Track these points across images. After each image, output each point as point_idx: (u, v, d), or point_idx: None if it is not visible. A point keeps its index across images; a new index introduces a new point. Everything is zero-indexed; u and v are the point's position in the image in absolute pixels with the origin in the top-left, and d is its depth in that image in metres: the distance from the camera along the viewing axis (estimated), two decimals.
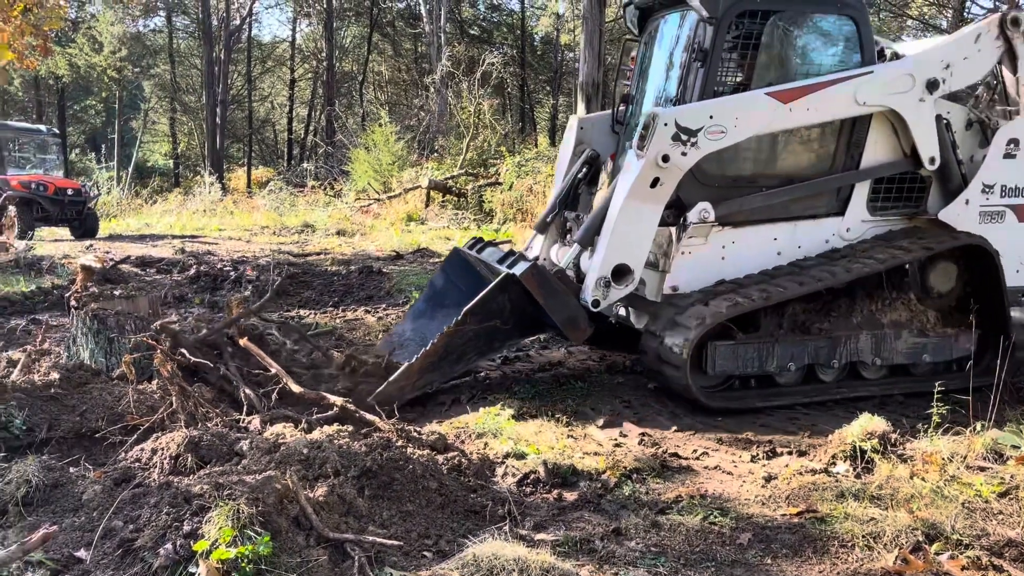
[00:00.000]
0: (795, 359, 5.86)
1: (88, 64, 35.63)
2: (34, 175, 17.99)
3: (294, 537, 3.29)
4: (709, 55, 5.76)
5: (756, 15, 5.85)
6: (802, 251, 6.15)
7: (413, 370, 5.59)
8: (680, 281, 5.92)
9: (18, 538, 3.35)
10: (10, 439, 4.51)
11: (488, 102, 24.38)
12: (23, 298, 9.01)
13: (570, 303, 5.75)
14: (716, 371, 5.70)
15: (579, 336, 5.95)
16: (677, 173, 5.62)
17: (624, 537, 3.71)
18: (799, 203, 6.13)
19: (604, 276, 5.70)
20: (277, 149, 46.03)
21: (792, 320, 5.94)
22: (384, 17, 39.86)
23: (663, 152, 5.52)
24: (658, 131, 5.50)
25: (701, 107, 5.66)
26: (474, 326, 5.68)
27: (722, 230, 5.95)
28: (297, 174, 30.06)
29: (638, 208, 5.65)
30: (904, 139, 6.17)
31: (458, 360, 5.84)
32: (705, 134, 5.57)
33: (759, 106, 5.73)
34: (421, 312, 6.97)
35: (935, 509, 3.87)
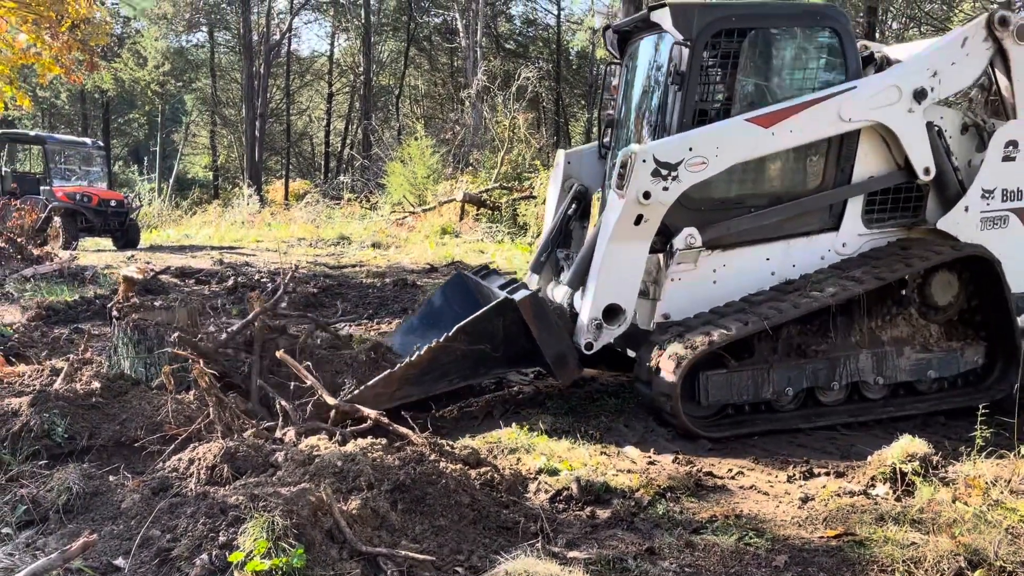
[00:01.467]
0: (792, 383, 5.65)
1: (132, 78, 36.50)
2: (79, 187, 18.41)
3: (327, 550, 3.31)
4: (686, 78, 5.62)
5: (732, 34, 5.69)
6: (797, 269, 5.95)
7: (393, 378, 5.49)
8: (671, 308, 5.76)
9: (59, 545, 3.41)
10: (52, 447, 4.60)
11: (523, 116, 24.47)
12: (67, 307, 9.19)
13: (563, 340, 5.65)
14: (710, 401, 5.52)
15: (567, 376, 5.80)
16: (660, 209, 5.49)
17: (658, 557, 3.67)
18: (791, 221, 5.96)
19: (596, 318, 5.61)
20: (314, 162, 46.61)
21: (787, 343, 5.74)
22: (421, 32, 40.28)
23: (644, 189, 5.39)
24: (637, 169, 5.37)
25: (679, 140, 5.52)
26: (463, 346, 5.57)
27: (711, 254, 5.78)
28: (334, 187, 30.41)
29: (624, 247, 5.55)
30: (896, 151, 5.98)
31: (440, 378, 5.69)
32: (686, 167, 5.44)
33: (740, 133, 5.57)
34: (413, 328, 6.91)
35: (978, 534, 3.77)
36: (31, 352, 6.77)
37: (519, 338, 5.71)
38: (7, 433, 4.59)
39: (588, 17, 39.63)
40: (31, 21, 12.22)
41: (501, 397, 6.18)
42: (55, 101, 39.60)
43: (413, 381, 5.60)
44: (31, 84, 24.55)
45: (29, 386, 5.51)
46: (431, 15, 40.38)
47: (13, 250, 12.70)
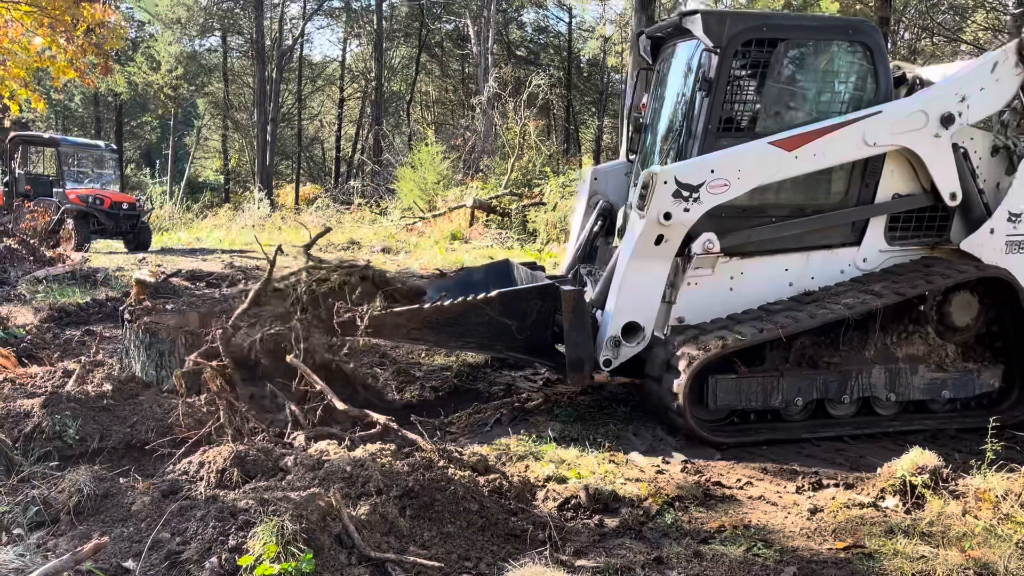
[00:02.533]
0: (802, 393, 5.62)
1: (146, 82, 36.70)
2: (91, 189, 18.52)
3: (336, 555, 3.32)
4: (714, 85, 5.62)
5: (763, 43, 5.66)
6: (815, 282, 5.94)
7: (417, 316, 5.51)
8: (687, 312, 5.76)
9: (70, 547, 3.43)
10: (64, 448, 4.63)
11: (534, 123, 24.52)
12: (79, 309, 9.25)
13: (587, 347, 5.66)
14: (717, 405, 5.52)
15: (578, 380, 5.79)
16: (681, 229, 5.50)
17: (666, 566, 3.67)
18: (812, 234, 5.95)
19: (615, 335, 5.63)
20: (325, 166, 46.78)
21: (800, 354, 5.73)
22: (432, 38, 40.43)
23: (665, 210, 5.40)
24: (658, 190, 5.38)
25: (701, 162, 5.52)
26: (494, 312, 5.60)
27: (729, 260, 5.77)
28: (344, 191, 30.53)
29: (644, 266, 5.56)
30: (922, 175, 5.94)
31: (459, 336, 5.73)
32: (707, 188, 5.43)
33: (763, 156, 5.56)
34: (447, 287, 6.90)
35: (988, 548, 3.76)
36: (43, 354, 6.82)
37: (546, 328, 5.76)
38: (19, 434, 4.62)
39: (599, 25, 39.73)
40: (47, 25, 12.33)
41: (510, 404, 6.19)
42: (69, 104, 39.89)
43: (435, 327, 5.63)
44: (45, 87, 24.73)
45: (41, 387, 5.55)
46: (443, 21, 40.52)
47: (26, 252, 12.79)
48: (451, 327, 5.66)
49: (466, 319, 5.63)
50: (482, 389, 6.75)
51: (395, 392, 6.60)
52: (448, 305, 5.58)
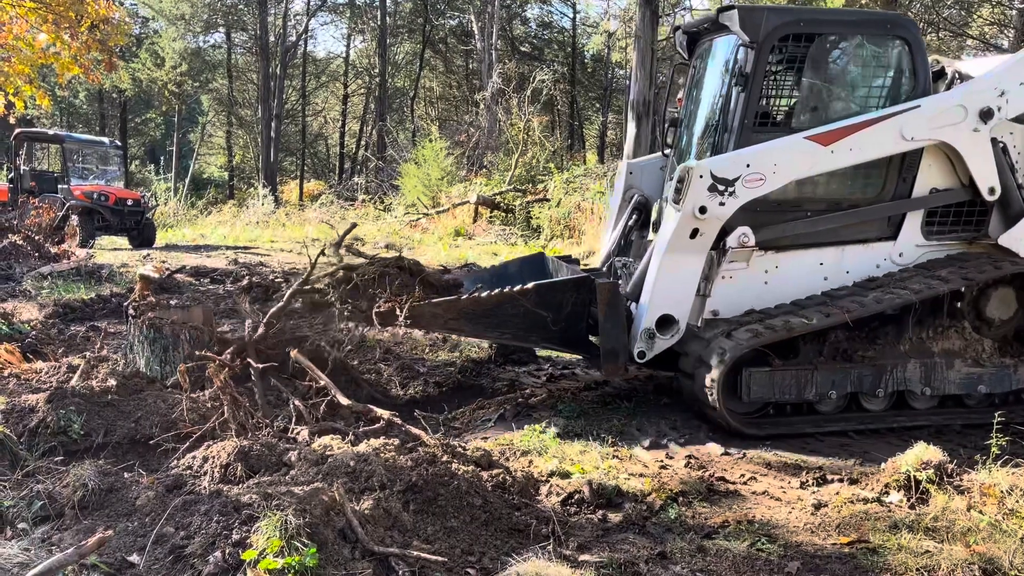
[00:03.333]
0: (836, 387, 5.64)
1: (150, 78, 36.74)
2: (96, 186, 18.54)
3: (340, 549, 3.33)
4: (750, 80, 5.64)
5: (800, 39, 5.68)
6: (850, 276, 5.97)
7: (455, 306, 5.59)
8: (721, 305, 5.81)
9: (74, 541, 3.44)
10: (68, 443, 4.64)
11: (538, 119, 24.50)
12: (83, 305, 9.27)
13: (621, 338, 5.69)
14: (751, 398, 5.55)
15: (613, 371, 5.83)
16: (716, 223, 5.53)
17: (669, 561, 3.67)
18: (847, 228, 5.97)
19: (649, 328, 5.67)
20: (329, 163, 46.80)
21: (834, 347, 5.75)
22: (436, 34, 40.37)
23: (700, 204, 5.43)
24: (693, 184, 5.41)
25: (737, 156, 5.54)
26: (529, 304, 5.66)
27: (764, 254, 5.82)
28: (348, 188, 30.55)
29: (679, 259, 5.59)
30: (960, 170, 5.95)
31: (495, 327, 5.80)
32: (743, 183, 5.47)
33: (799, 151, 5.57)
34: (482, 279, 7.00)
35: (993, 543, 3.75)
36: (48, 349, 6.84)
37: (580, 320, 5.82)
38: (24, 429, 4.64)
39: (603, 20, 39.64)
40: (51, 21, 12.34)
41: (513, 399, 6.18)
42: (73, 100, 39.95)
43: (471, 318, 5.70)
44: (50, 83, 24.76)
45: (46, 383, 5.57)
46: (447, 17, 40.48)
47: (31, 248, 12.82)
48: (487, 318, 5.72)
49: (502, 310, 5.68)
50: (485, 385, 6.75)
51: (399, 387, 6.61)
52: (485, 296, 5.65)
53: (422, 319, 5.51)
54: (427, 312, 5.55)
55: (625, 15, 34.13)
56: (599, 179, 20.35)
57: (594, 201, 18.86)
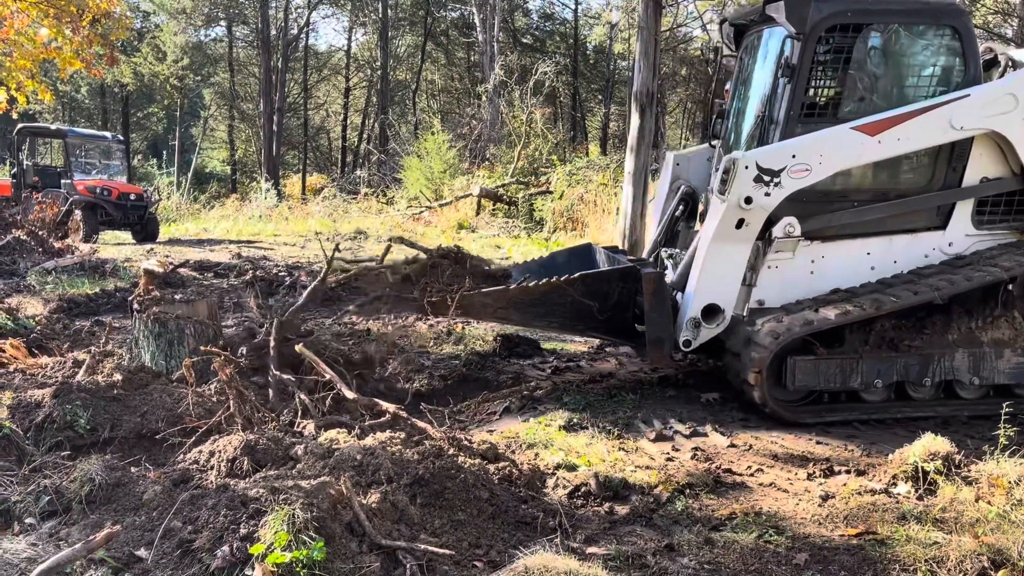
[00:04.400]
0: (882, 376, 5.66)
1: (152, 73, 36.71)
2: (99, 180, 18.54)
3: (347, 543, 3.32)
4: (796, 71, 5.65)
5: (847, 29, 5.67)
6: (898, 266, 5.98)
7: (504, 296, 5.73)
8: (767, 295, 5.87)
9: (82, 536, 3.44)
10: (75, 438, 4.64)
11: (540, 111, 24.46)
12: (88, 300, 9.27)
13: (667, 327, 5.78)
14: (796, 386, 5.60)
15: (658, 359, 5.96)
16: (762, 213, 5.56)
17: (677, 553, 3.66)
18: (895, 218, 5.97)
19: (695, 317, 5.73)
20: (331, 156, 46.75)
21: (879, 336, 5.77)
22: (438, 26, 40.28)
23: (745, 195, 5.47)
24: (739, 175, 5.45)
25: (782, 147, 5.56)
26: (576, 294, 5.76)
27: (810, 244, 5.85)
28: (351, 181, 30.50)
29: (724, 249, 5.64)
30: (1012, 158, 5.89)
31: (543, 315, 5.94)
32: (788, 173, 5.49)
33: (845, 141, 5.57)
34: (530, 270, 7.07)
35: (1001, 534, 3.74)
36: (53, 344, 6.84)
37: (627, 309, 5.91)
38: (31, 424, 4.64)
39: (605, 11, 39.53)
40: (52, 15, 12.33)
41: (519, 392, 6.18)
42: (75, 95, 39.93)
43: (520, 307, 5.84)
44: (52, 78, 24.76)
45: (52, 378, 5.57)
46: (448, 10, 40.38)
47: (35, 243, 12.82)
48: (535, 307, 5.84)
49: (550, 299, 5.79)
50: (491, 378, 6.74)
51: (404, 381, 6.60)
52: (533, 286, 5.74)
53: (472, 308, 5.68)
54: (477, 301, 5.70)
55: (628, 6, 34.00)
56: (602, 171, 20.31)
57: (597, 193, 18.83)
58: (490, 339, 7.92)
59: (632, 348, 6.79)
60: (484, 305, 5.76)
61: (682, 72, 38.07)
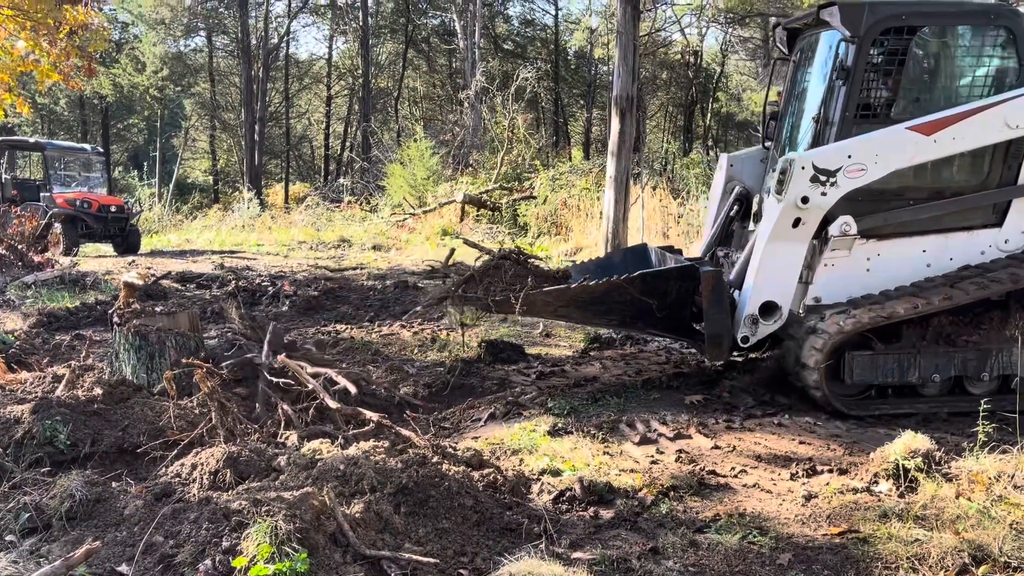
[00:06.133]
0: (940, 371, 5.77)
1: (131, 84, 36.50)
2: (79, 193, 18.42)
3: (331, 554, 3.31)
4: (851, 74, 5.76)
5: (901, 31, 5.78)
6: (954, 263, 6.08)
7: (565, 294, 5.85)
8: (823, 292, 5.98)
9: (62, 552, 3.41)
10: (55, 454, 4.60)
11: (522, 116, 24.49)
12: (68, 313, 9.20)
13: (726, 323, 5.88)
14: (854, 380, 5.71)
15: (717, 356, 6.06)
16: (818, 212, 5.67)
17: (662, 556, 3.67)
18: (951, 216, 6.08)
19: (752, 314, 5.83)
20: (314, 165, 46.61)
21: (936, 332, 5.86)
22: (419, 34, 40.28)
23: (802, 194, 5.57)
24: (796, 175, 5.54)
25: (839, 147, 5.67)
26: (635, 292, 5.85)
27: (866, 242, 5.95)
28: (334, 189, 30.41)
29: (781, 248, 5.74)
30: None
31: (603, 313, 6.09)
32: (844, 173, 5.58)
33: (900, 141, 5.66)
34: (587, 270, 7.14)
35: (982, 530, 3.77)
36: (33, 359, 6.78)
37: (685, 308, 6.04)
38: (10, 440, 4.59)
39: (585, 17, 39.66)
40: (29, 28, 12.23)
41: (503, 398, 6.18)
42: (54, 107, 39.59)
43: (580, 304, 5.98)
44: (30, 91, 24.57)
45: (31, 393, 5.52)
46: (429, 17, 40.39)
47: (14, 257, 12.71)
48: (595, 305, 5.96)
49: (609, 298, 5.89)
50: (476, 384, 6.74)
51: (388, 389, 6.58)
52: (593, 284, 5.82)
53: (534, 306, 5.81)
54: (539, 300, 5.81)
55: (607, 11, 34.17)
56: (585, 175, 20.37)
57: (580, 198, 18.88)
58: (475, 345, 7.92)
59: (690, 345, 6.94)
60: (546, 303, 5.90)
61: (662, 76, 38.26)
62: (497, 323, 9.48)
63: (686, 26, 36.08)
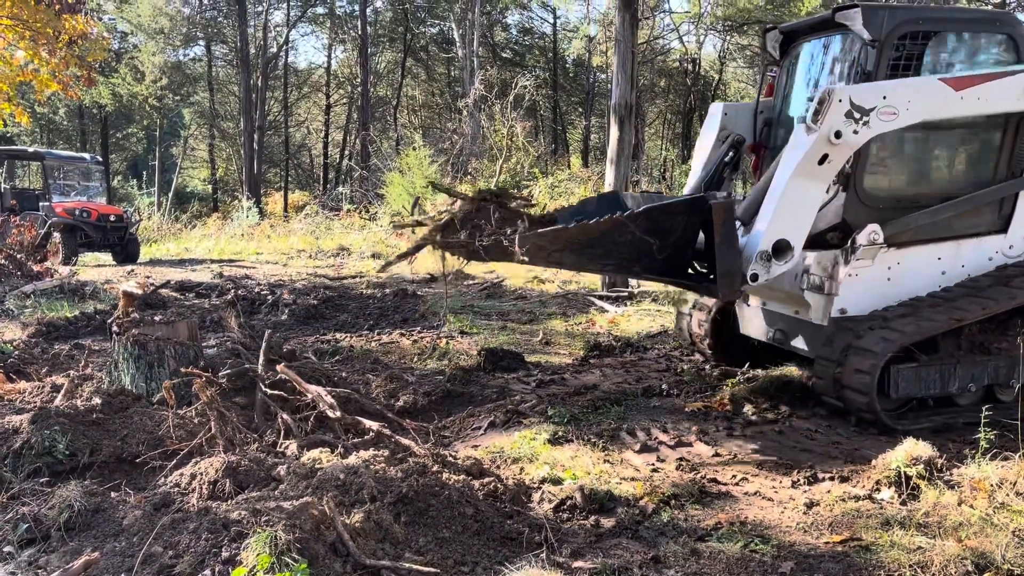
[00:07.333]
0: (975, 380, 5.80)
1: (130, 93, 36.56)
2: (78, 202, 18.42)
3: (331, 564, 3.29)
4: (873, 77, 5.82)
5: (917, 36, 5.91)
6: (965, 270, 6.19)
7: (561, 236, 5.37)
8: (849, 304, 5.95)
9: (61, 563, 3.40)
10: (54, 464, 4.58)
11: (521, 124, 24.53)
12: (67, 323, 9.18)
13: (737, 259, 5.56)
14: (899, 394, 5.66)
15: (730, 294, 5.70)
16: (846, 152, 5.61)
17: (663, 565, 3.65)
18: (962, 221, 6.18)
19: (766, 250, 5.60)
20: (313, 173, 46.68)
21: (969, 341, 5.88)
22: (417, 42, 40.41)
23: (836, 128, 5.49)
24: (833, 106, 5.47)
25: (876, 87, 5.69)
26: (639, 231, 5.41)
27: (888, 251, 5.98)
28: (333, 198, 30.47)
29: (804, 185, 5.62)
30: None
31: (600, 257, 5.70)
32: (878, 114, 5.56)
33: (931, 91, 5.73)
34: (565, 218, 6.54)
35: (984, 538, 3.76)
36: (31, 369, 6.76)
37: (689, 246, 5.70)
38: (8, 451, 4.57)
39: (583, 25, 39.76)
40: (28, 38, 12.25)
41: (503, 407, 6.16)
42: (53, 117, 39.69)
43: (576, 248, 5.55)
44: (29, 100, 24.61)
45: (30, 403, 5.51)
46: (427, 25, 40.53)
47: (13, 266, 12.71)
48: (592, 248, 5.56)
49: (609, 238, 5.48)
50: (475, 392, 6.73)
51: (388, 398, 6.57)
52: (594, 223, 5.36)
53: (529, 250, 5.23)
54: (533, 244, 5.25)
55: (605, 19, 34.25)
56: (583, 183, 20.40)
57: None
58: (474, 354, 7.91)
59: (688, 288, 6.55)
60: (539, 248, 5.31)
61: (660, 84, 38.37)
62: (496, 331, 9.48)
63: (684, 34, 36.22)
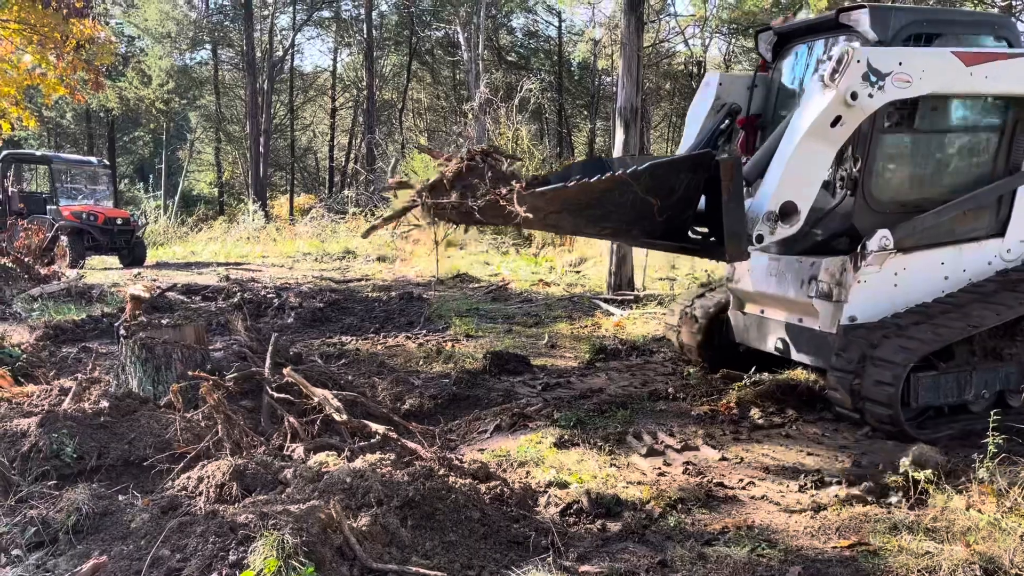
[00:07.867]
0: (988, 386, 5.80)
1: (137, 97, 36.64)
2: (85, 205, 18.49)
3: (338, 567, 3.30)
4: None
5: (921, 37, 5.95)
6: (967, 275, 6.20)
7: (560, 196, 5.06)
8: (857, 311, 5.93)
9: (69, 567, 3.40)
10: (62, 467, 4.60)
11: (526, 128, 24.55)
12: (74, 326, 9.22)
13: (744, 218, 5.35)
14: (920, 403, 5.60)
15: (737, 254, 5.45)
16: (859, 115, 5.53)
17: (670, 569, 3.65)
18: (962, 225, 6.19)
19: (773, 211, 5.47)
20: (319, 177, 46.76)
21: (982, 347, 5.87)
22: (423, 46, 40.46)
23: (852, 89, 5.41)
24: (851, 66, 5.40)
25: (893, 51, 5.67)
26: (641, 190, 5.11)
27: (895, 256, 5.98)
28: (338, 201, 30.51)
29: (814, 146, 5.52)
30: None
31: (597, 220, 5.37)
32: (893, 80, 5.52)
33: (944, 63, 5.72)
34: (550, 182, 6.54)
35: (992, 542, 3.74)
36: (39, 372, 6.79)
37: (690, 207, 5.44)
38: (16, 454, 4.59)
39: (589, 28, 39.74)
40: (36, 42, 12.32)
41: (509, 410, 6.16)
42: (60, 120, 39.82)
43: (574, 209, 5.26)
44: (37, 104, 24.69)
45: (38, 406, 5.52)
46: (432, 29, 40.57)
47: (20, 270, 12.75)
48: (591, 209, 5.25)
49: (609, 199, 5.19)
50: (481, 396, 6.73)
51: (394, 401, 6.58)
52: (595, 181, 5.03)
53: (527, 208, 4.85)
54: (527, 203, 4.89)
55: (610, 23, 34.25)
56: None
57: None
58: (480, 357, 7.91)
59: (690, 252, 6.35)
60: (536, 208, 4.93)
61: (666, 87, 38.34)
62: (502, 334, 9.48)
63: (690, 37, 36.19)
